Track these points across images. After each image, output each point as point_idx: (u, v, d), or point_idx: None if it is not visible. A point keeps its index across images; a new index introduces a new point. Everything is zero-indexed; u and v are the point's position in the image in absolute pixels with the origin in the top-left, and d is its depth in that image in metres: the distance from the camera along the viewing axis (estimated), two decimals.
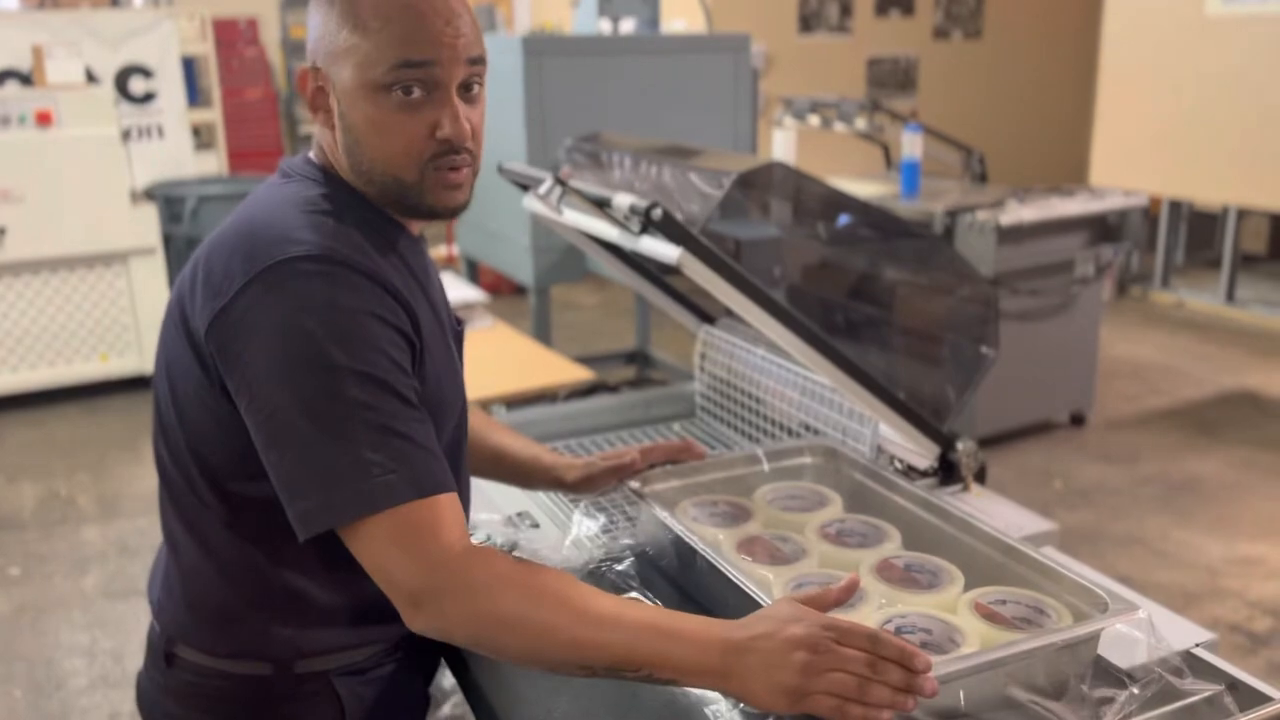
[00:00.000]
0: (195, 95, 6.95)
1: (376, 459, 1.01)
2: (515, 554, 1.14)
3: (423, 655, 1.31)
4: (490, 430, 1.54)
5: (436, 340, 1.18)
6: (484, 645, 1.04)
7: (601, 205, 1.52)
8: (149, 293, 5.07)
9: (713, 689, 1.04)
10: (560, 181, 1.53)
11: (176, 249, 5.19)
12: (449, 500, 1.04)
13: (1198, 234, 7.09)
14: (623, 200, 1.45)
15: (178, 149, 5.97)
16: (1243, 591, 3.28)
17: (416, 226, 1.23)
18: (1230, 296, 6.37)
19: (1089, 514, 3.80)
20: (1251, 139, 5.81)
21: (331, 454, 1.00)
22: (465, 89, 1.13)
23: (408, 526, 1.01)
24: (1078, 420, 4.64)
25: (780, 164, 1.64)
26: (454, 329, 1.29)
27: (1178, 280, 6.81)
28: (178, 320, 1.12)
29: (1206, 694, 1.17)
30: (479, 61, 1.13)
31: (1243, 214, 6.31)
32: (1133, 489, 4.02)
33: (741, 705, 1.07)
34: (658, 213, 1.39)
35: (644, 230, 1.48)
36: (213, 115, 7.00)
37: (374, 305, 1.05)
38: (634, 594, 1.34)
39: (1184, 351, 5.71)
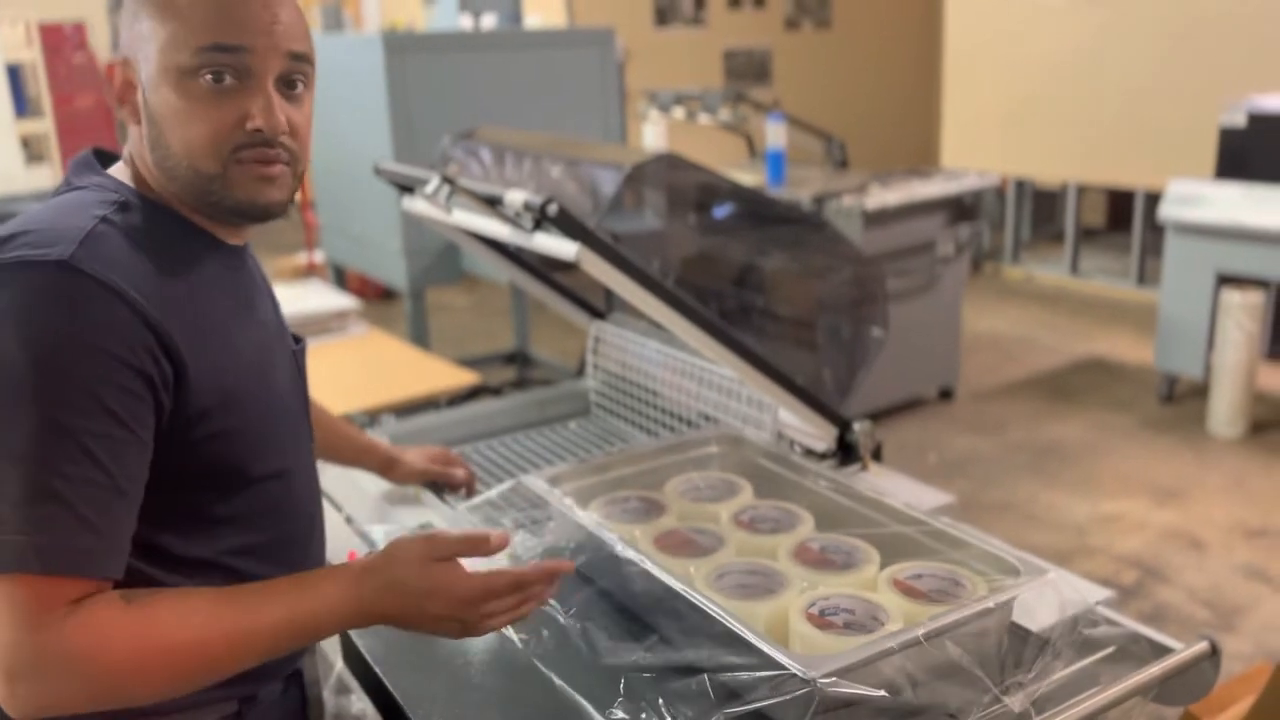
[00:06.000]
0: (23, 105, 6.55)
1: (17, 515, 0.88)
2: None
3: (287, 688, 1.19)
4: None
5: (251, 358, 1.06)
6: (114, 703, 0.92)
7: (492, 203, 1.48)
8: None
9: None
10: (448, 180, 1.48)
11: None
12: (77, 584, 0.90)
13: (1041, 210, 7.45)
14: (515, 197, 1.42)
15: (7, 162, 5.62)
16: (1108, 547, 3.46)
17: (238, 236, 1.11)
18: (1074, 268, 6.72)
19: (964, 484, 3.95)
20: (1087, 119, 6.15)
21: None
22: (287, 85, 1.02)
23: (17, 598, 0.88)
24: (946, 394, 4.81)
25: (672, 155, 1.63)
26: (291, 348, 1.18)
27: (1026, 255, 7.15)
28: None
29: (1112, 649, 1.23)
30: (303, 59, 1.02)
31: (1082, 190, 6.66)
32: (1002, 457, 4.19)
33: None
34: (553, 208, 1.37)
35: (537, 226, 1.45)
36: (44, 125, 6.62)
37: (103, 332, 0.91)
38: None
39: (1036, 322, 5.99)
